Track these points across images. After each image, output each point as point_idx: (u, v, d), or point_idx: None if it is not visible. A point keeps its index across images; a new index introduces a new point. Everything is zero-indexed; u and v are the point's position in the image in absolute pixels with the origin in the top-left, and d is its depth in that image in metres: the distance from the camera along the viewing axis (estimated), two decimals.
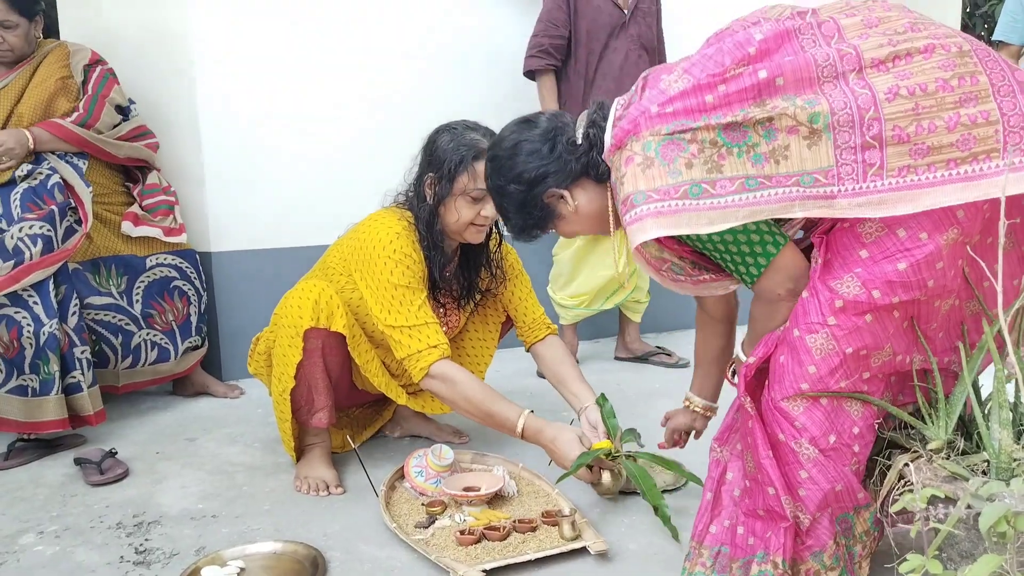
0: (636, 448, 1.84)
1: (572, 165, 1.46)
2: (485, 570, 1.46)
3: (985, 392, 1.27)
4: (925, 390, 1.29)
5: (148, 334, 2.53)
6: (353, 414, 2.33)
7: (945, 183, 1.16)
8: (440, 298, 2.02)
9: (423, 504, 1.76)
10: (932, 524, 1.04)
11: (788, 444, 1.25)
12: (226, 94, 2.89)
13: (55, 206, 2.26)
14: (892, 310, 1.22)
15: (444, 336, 1.85)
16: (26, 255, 2.15)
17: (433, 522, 1.68)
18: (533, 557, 1.52)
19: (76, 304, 2.26)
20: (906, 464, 1.19)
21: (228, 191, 2.92)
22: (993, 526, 0.93)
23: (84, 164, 2.48)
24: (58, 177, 2.35)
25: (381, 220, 1.91)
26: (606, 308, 3.14)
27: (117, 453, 2.08)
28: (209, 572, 1.48)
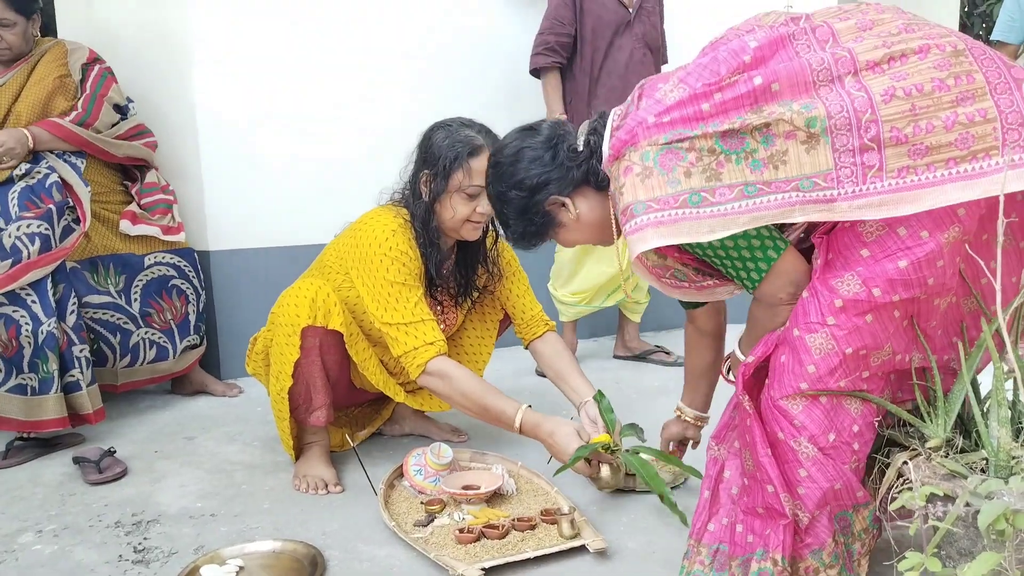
0: (636, 443, 1.84)
1: (574, 172, 1.48)
2: (484, 568, 1.46)
3: (984, 390, 1.27)
4: (924, 388, 1.29)
5: (146, 333, 2.53)
6: (352, 413, 2.33)
7: (945, 182, 1.16)
8: (437, 296, 2.02)
9: (422, 503, 1.76)
10: (931, 522, 1.04)
11: (787, 442, 1.25)
12: (225, 93, 2.89)
13: (53, 205, 2.26)
14: (892, 309, 1.22)
15: (441, 333, 1.85)
16: (24, 254, 2.15)
17: (432, 520, 1.68)
18: (532, 555, 1.52)
19: (74, 303, 2.26)
20: (905, 462, 1.19)
21: (226, 190, 2.92)
22: (992, 524, 0.93)
23: (82, 163, 2.48)
24: (56, 176, 2.35)
25: (377, 218, 1.91)
26: (606, 306, 3.14)
27: (116, 452, 2.08)
28: (208, 571, 1.48)
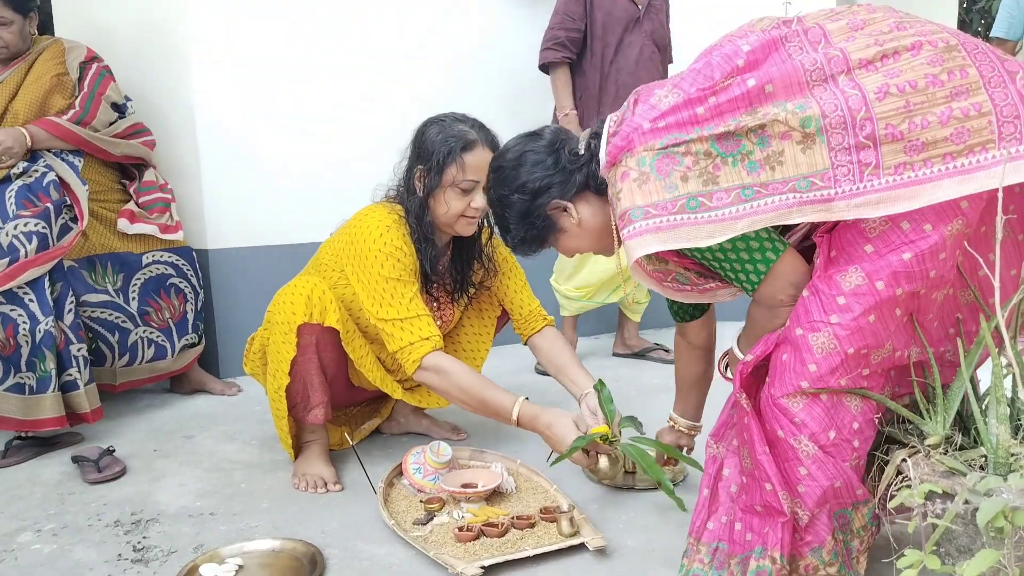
0: (635, 434, 1.83)
1: (576, 177, 1.48)
2: (483, 567, 1.46)
3: (983, 386, 1.27)
4: (923, 385, 1.29)
5: (145, 331, 2.53)
6: (351, 412, 2.33)
7: (942, 177, 1.16)
8: (433, 292, 2.02)
9: (421, 501, 1.76)
10: (930, 519, 1.04)
11: (787, 441, 1.25)
12: (224, 92, 2.88)
13: (50, 204, 2.26)
14: (895, 307, 1.22)
15: (436, 328, 1.85)
16: (21, 252, 2.14)
17: (431, 519, 1.68)
18: (531, 553, 1.52)
19: (72, 302, 2.25)
20: (904, 460, 1.19)
21: (225, 189, 2.91)
22: (991, 521, 0.93)
23: (80, 162, 2.48)
24: (53, 175, 2.34)
25: (371, 214, 1.90)
26: (609, 302, 3.14)
27: (115, 451, 2.08)
28: (207, 570, 1.48)
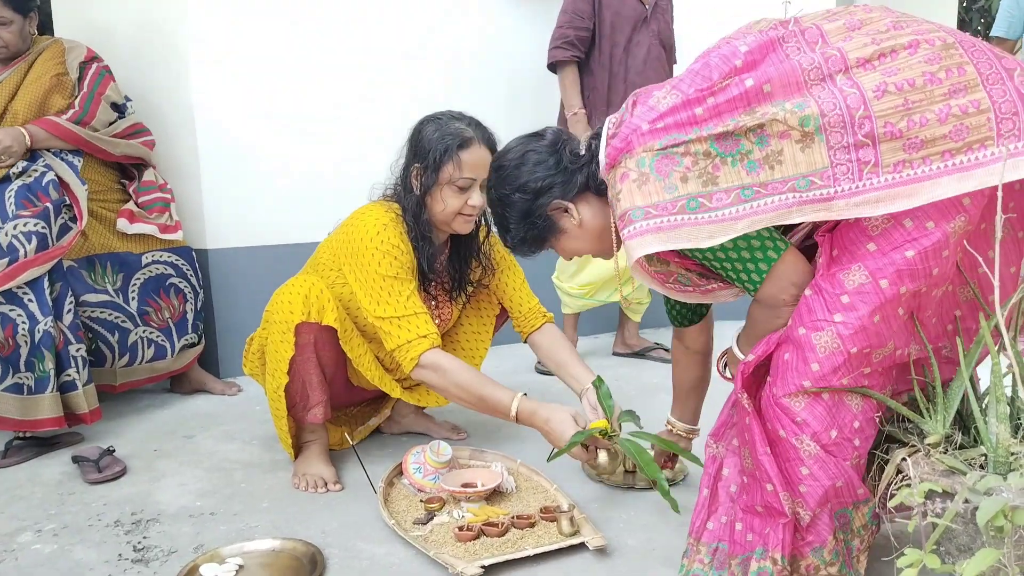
0: (635, 429, 1.82)
1: (577, 177, 1.49)
2: (483, 566, 1.46)
3: (983, 385, 1.27)
4: (922, 383, 1.29)
5: (145, 331, 2.53)
6: (351, 412, 2.33)
7: (941, 175, 1.16)
8: (431, 290, 2.02)
9: (421, 501, 1.76)
10: (930, 518, 1.04)
11: (789, 440, 1.25)
12: (223, 92, 2.88)
13: (50, 203, 2.26)
14: (898, 306, 1.22)
15: (434, 326, 1.85)
16: (20, 252, 2.14)
17: (431, 518, 1.68)
18: (531, 553, 1.52)
19: (71, 302, 2.25)
20: (904, 459, 1.19)
21: (224, 188, 2.91)
22: (991, 520, 0.93)
23: (80, 161, 2.48)
24: (53, 174, 2.34)
25: (368, 213, 1.90)
26: (611, 300, 3.13)
27: (115, 451, 2.08)
28: (207, 570, 1.48)
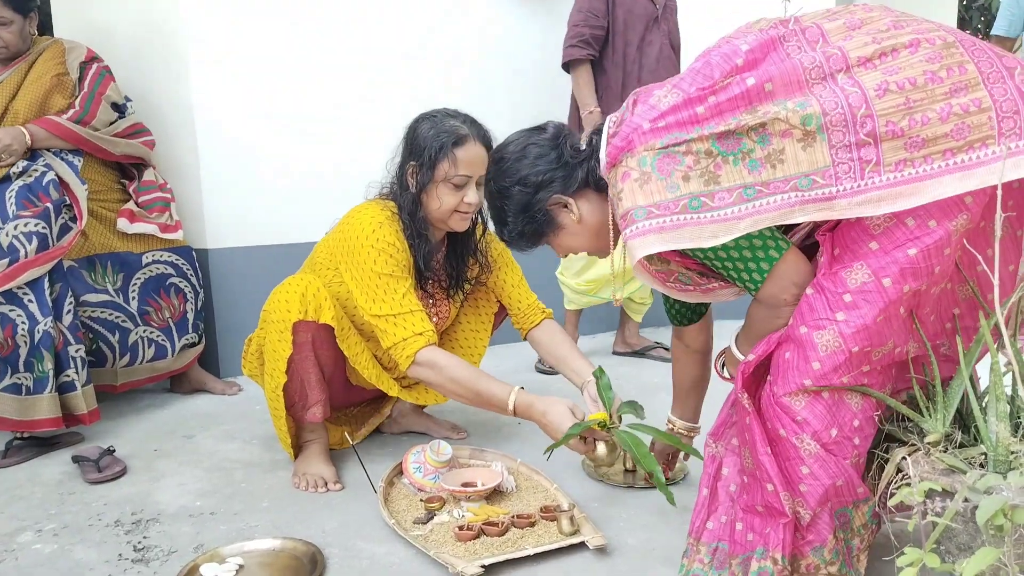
0: (635, 422, 1.81)
1: (577, 172, 1.48)
2: (483, 566, 1.46)
3: (982, 384, 1.27)
4: (921, 381, 1.29)
5: (145, 331, 2.53)
6: (351, 412, 2.33)
7: (943, 174, 1.15)
8: (428, 288, 2.02)
9: (421, 500, 1.76)
10: (930, 517, 1.04)
11: (789, 439, 1.25)
12: (223, 92, 2.88)
13: (50, 203, 2.26)
14: (899, 305, 1.22)
15: (430, 323, 1.85)
16: (21, 253, 2.14)
17: (431, 518, 1.68)
18: (532, 552, 1.52)
19: (71, 302, 2.25)
20: (904, 457, 1.19)
21: (224, 188, 2.91)
22: (990, 519, 0.93)
23: (80, 161, 2.48)
24: (53, 174, 2.34)
25: (364, 211, 1.91)
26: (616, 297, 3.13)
27: (115, 451, 2.08)
28: (207, 569, 1.48)
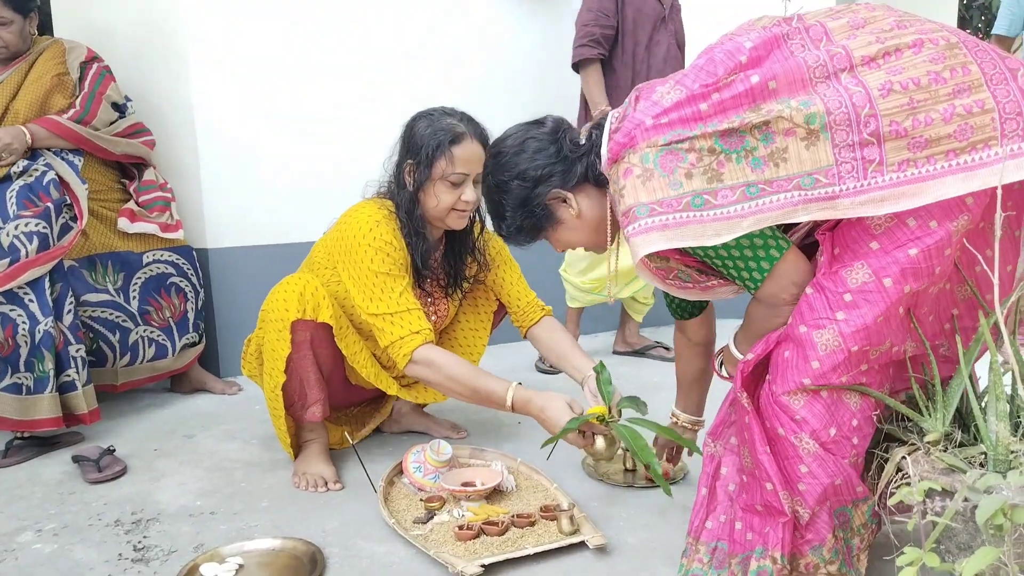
0: (636, 415, 1.80)
1: (577, 167, 1.47)
2: (483, 565, 1.46)
3: (981, 384, 1.26)
4: (920, 380, 1.29)
5: (145, 331, 2.53)
6: (351, 412, 2.33)
7: (945, 174, 1.15)
8: (427, 287, 2.02)
9: (421, 500, 1.76)
10: (930, 517, 1.04)
11: (788, 438, 1.25)
12: (223, 92, 2.88)
13: (51, 203, 2.26)
14: (900, 305, 1.22)
15: (427, 322, 1.85)
16: (22, 253, 2.14)
17: (431, 517, 1.68)
18: (531, 552, 1.52)
19: (71, 302, 2.25)
20: (904, 457, 1.19)
21: (225, 188, 2.91)
22: (990, 519, 0.93)
23: (80, 161, 2.48)
24: (53, 174, 2.34)
25: (361, 210, 1.91)
26: (619, 297, 3.13)
27: (115, 450, 2.08)
28: (207, 569, 1.48)
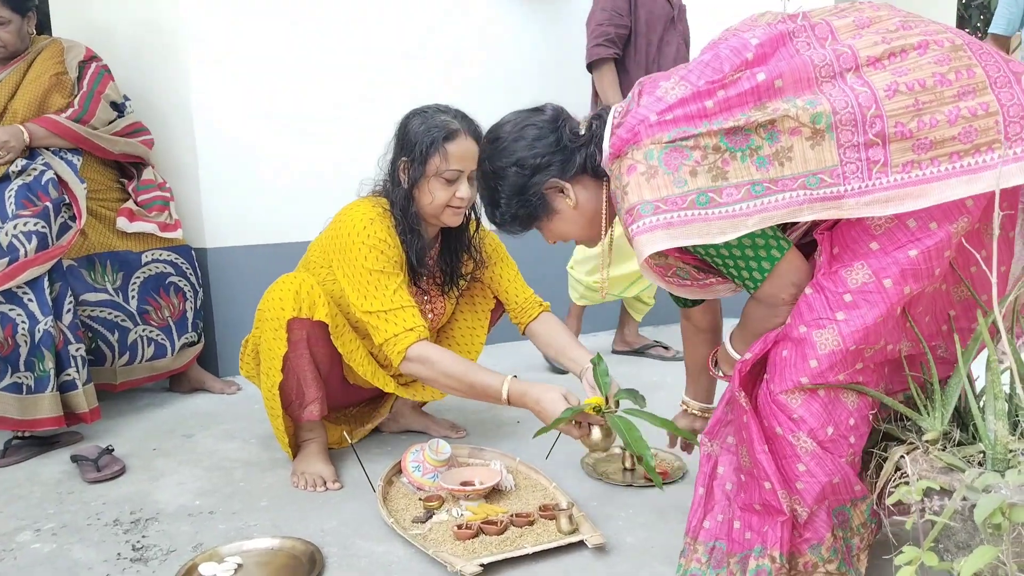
0: (632, 407, 1.79)
1: (575, 157, 1.44)
2: (482, 564, 1.46)
3: (979, 384, 1.27)
4: (918, 379, 1.29)
5: (144, 330, 2.53)
6: (350, 412, 2.32)
7: (950, 176, 1.15)
8: (423, 285, 2.02)
9: (420, 499, 1.76)
10: (928, 516, 1.04)
11: (786, 437, 1.25)
12: (223, 92, 2.88)
13: (49, 202, 2.26)
14: (899, 305, 1.21)
15: (421, 319, 1.84)
16: (21, 252, 2.14)
17: (430, 517, 1.68)
18: (530, 551, 1.52)
19: (71, 301, 2.25)
20: (902, 456, 1.19)
21: (224, 187, 2.91)
22: (988, 518, 0.93)
23: (79, 160, 2.48)
24: (52, 173, 2.34)
25: (355, 208, 1.91)
26: (625, 295, 3.13)
27: (114, 450, 2.08)
28: (206, 569, 1.48)
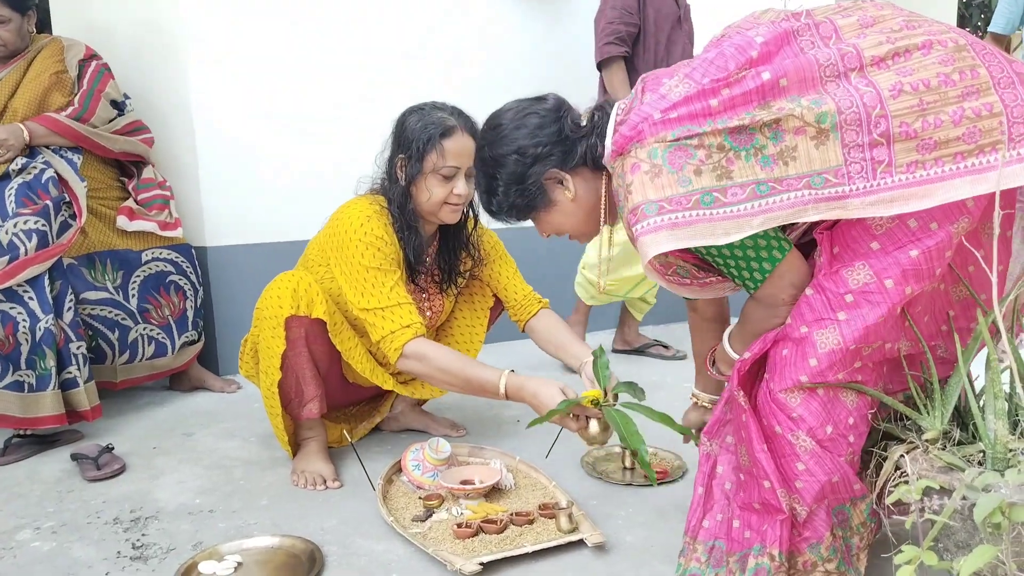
0: (631, 401, 1.78)
1: (577, 148, 1.42)
2: (482, 563, 1.46)
3: (978, 383, 1.26)
4: (918, 378, 1.29)
5: (145, 329, 2.53)
6: (350, 412, 2.32)
7: (954, 176, 1.15)
8: (421, 283, 2.02)
9: (420, 498, 1.77)
10: (928, 515, 1.04)
11: (785, 436, 1.25)
12: (223, 91, 2.88)
13: (49, 201, 2.26)
14: (900, 305, 1.21)
15: (418, 316, 1.84)
16: (21, 250, 2.14)
17: (430, 515, 1.68)
18: (530, 550, 1.52)
19: (71, 299, 2.25)
20: (902, 455, 1.19)
21: (224, 186, 2.91)
22: (988, 517, 0.93)
23: (79, 159, 2.48)
24: (52, 172, 2.34)
25: (353, 206, 1.91)
26: (632, 296, 3.14)
27: (114, 448, 2.08)
28: (206, 567, 1.48)
